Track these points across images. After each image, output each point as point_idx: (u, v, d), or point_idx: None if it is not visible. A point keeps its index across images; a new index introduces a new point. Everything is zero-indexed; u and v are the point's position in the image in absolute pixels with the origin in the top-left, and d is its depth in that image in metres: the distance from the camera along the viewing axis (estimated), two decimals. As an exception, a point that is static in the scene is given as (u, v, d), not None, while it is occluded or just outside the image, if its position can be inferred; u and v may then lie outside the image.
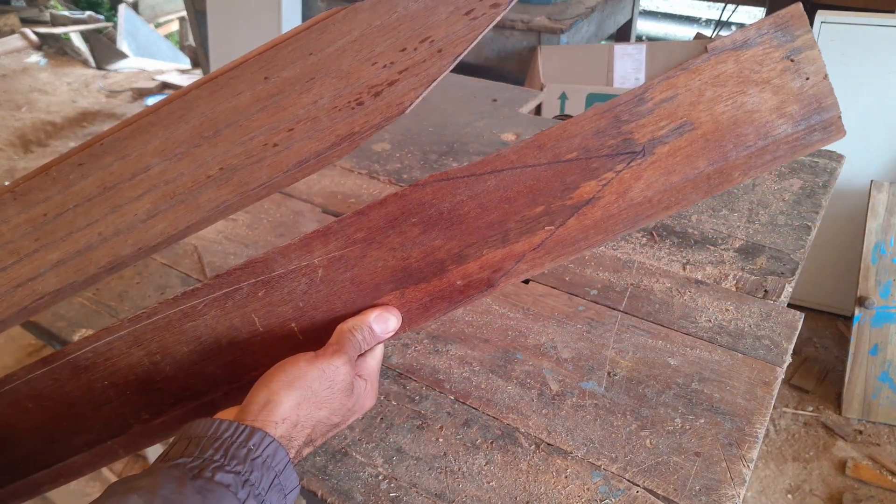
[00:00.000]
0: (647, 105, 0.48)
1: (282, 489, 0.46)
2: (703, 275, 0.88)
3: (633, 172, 0.48)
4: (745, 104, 0.47)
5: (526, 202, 0.50)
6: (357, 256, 0.52)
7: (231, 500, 0.43)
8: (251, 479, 0.44)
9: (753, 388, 0.72)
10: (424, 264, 0.52)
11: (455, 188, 0.51)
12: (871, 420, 1.62)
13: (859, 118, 1.71)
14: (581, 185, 0.49)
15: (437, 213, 0.51)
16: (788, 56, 0.47)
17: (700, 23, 4.24)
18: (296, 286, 0.53)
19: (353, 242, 0.52)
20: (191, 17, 3.23)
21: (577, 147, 0.49)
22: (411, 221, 0.51)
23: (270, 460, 0.45)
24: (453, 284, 0.52)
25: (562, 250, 0.50)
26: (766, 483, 1.51)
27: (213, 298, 0.53)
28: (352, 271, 0.52)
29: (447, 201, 0.51)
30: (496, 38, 2.36)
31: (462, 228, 0.51)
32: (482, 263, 0.51)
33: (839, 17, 1.65)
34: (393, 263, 0.52)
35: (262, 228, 1.00)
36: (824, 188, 1.04)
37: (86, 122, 3.27)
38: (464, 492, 0.63)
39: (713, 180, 0.48)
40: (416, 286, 0.52)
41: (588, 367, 0.75)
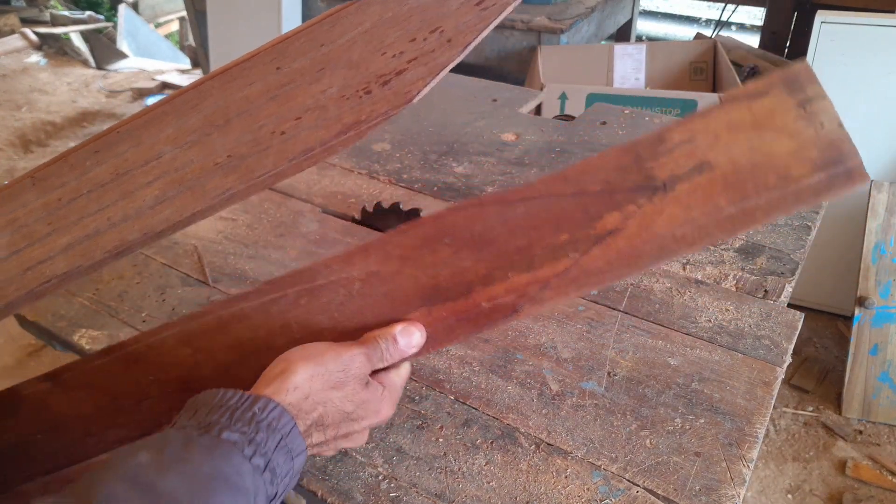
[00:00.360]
0: (666, 145, 0.50)
1: (289, 451, 0.46)
2: (703, 275, 0.88)
3: (655, 207, 0.49)
4: (761, 148, 0.48)
5: (552, 230, 0.51)
6: (392, 272, 0.53)
7: (238, 456, 0.43)
8: (256, 438, 0.45)
9: (753, 388, 0.72)
10: (453, 283, 0.53)
11: (487, 213, 0.52)
12: (871, 420, 1.62)
13: (859, 118, 1.71)
14: (604, 215, 0.50)
15: (469, 235, 0.53)
16: (801, 105, 0.48)
17: (700, 23, 4.24)
18: (334, 297, 0.54)
19: (390, 259, 0.53)
20: (191, 17, 3.23)
21: (600, 181, 0.51)
22: (444, 242, 0.53)
23: (276, 423, 0.46)
24: (479, 306, 0.53)
25: (586, 279, 0.51)
26: (766, 483, 1.51)
27: (261, 303, 0.55)
28: (386, 286, 0.54)
29: (479, 225, 0.52)
30: (496, 38, 2.36)
31: (491, 251, 0.52)
32: (508, 287, 0.52)
33: (839, 17, 1.65)
34: (424, 281, 0.53)
35: (262, 228, 1.00)
36: (824, 188, 1.04)
37: (86, 122, 3.27)
38: (464, 492, 0.63)
39: (736, 220, 0.49)
40: (443, 304, 0.53)
41: (588, 367, 0.75)
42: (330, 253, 0.94)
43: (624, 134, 1.21)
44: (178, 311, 0.85)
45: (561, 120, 1.38)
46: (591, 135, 1.21)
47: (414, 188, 1.08)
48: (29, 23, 4.46)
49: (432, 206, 1.03)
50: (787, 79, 0.48)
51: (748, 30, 4.03)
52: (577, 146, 1.17)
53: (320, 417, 0.50)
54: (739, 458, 0.64)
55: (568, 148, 1.17)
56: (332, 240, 0.97)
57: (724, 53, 2.15)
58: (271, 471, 0.45)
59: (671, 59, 2.28)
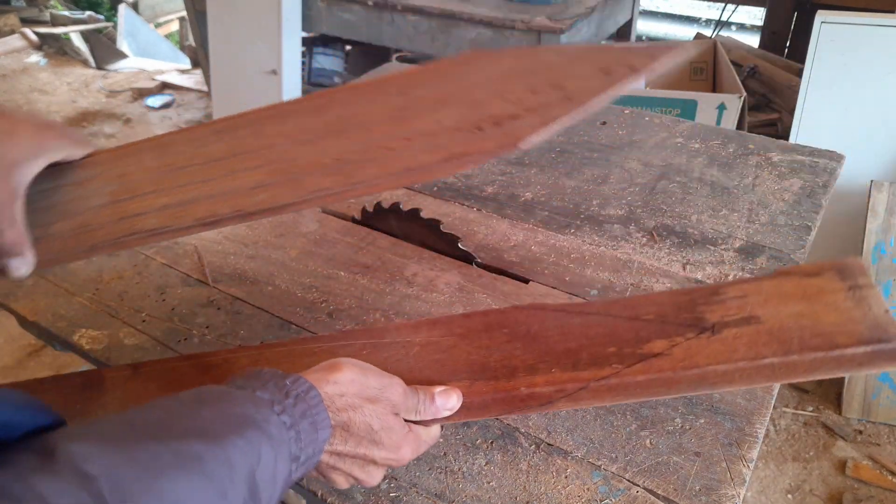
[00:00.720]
0: (720, 297, 0.55)
1: (314, 423, 0.48)
2: (703, 275, 0.88)
3: (700, 342, 0.53)
4: (809, 316, 0.52)
5: (602, 342, 0.56)
6: (449, 346, 0.60)
7: (267, 409, 0.46)
8: (285, 402, 0.47)
9: (753, 388, 0.72)
10: (500, 366, 0.57)
11: (546, 316, 0.59)
12: (871, 420, 1.62)
13: (859, 118, 1.71)
14: (653, 340, 0.55)
15: (526, 330, 0.59)
16: (851, 289, 0.52)
17: (700, 23, 4.24)
18: (393, 354, 0.60)
19: (451, 334, 0.60)
20: (191, 17, 3.23)
21: (655, 312, 0.56)
22: (503, 331, 0.59)
23: (304, 395, 0.48)
24: (518, 390, 0.56)
25: (623, 390, 0.54)
26: (766, 483, 1.51)
27: (330, 346, 0.61)
28: (440, 355, 0.59)
29: (537, 324, 0.59)
30: (496, 38, 2.36)
31: (541, 347, 0.57)
32: (549, 379, 0.55)
33: (839, 17, 1.65)
34: (475, 358, 0.58)
35: (262, 228, 1.00)
36: (824, 188, 1.04)
37: (86, 122, 3.27)
38: (464, 492, 0.63)
39: (777, 369, 0.52)
40: (486, 381, 0.57)
41: (588, 367, 0.75)
42: (330, 253, 0.94)
43: (624, 134, 1.21)
44: (178, 311, 0.85)
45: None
46: (591, 135, 1.21)
47: (413, 188, 1.08)
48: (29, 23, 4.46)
49: (432, 205, 1.03)
50: (840, 267, 0.54)
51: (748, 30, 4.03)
52: (577, 146, 1.17)
53: (348, 421, 0.50)
54: (739, 458, 0.64)
55: (568, 148, 1.17)
56: (332, 240, 0.97)
57: (724, 53, 2.15)
58: (296, 432, 0.46)
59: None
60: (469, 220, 1.00)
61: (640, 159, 1.13)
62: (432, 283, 0.88)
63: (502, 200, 1.04)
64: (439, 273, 0.89)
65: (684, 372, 0.52)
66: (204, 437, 0.41)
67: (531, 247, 0.94)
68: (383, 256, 0.93)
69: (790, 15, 2.92)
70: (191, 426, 0.42)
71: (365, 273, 0.90)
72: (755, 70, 2.58)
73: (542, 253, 0.93)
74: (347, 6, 2.64)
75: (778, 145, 1.16)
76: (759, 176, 1.08)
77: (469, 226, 0.99)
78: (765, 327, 0.53)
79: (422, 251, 0.93)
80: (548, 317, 0.58)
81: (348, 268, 0.91)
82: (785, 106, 2.45)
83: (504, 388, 0.56)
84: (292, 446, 0.46)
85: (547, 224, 0.99)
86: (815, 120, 1.73)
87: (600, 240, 0.95)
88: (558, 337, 0.57)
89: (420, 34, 2.52)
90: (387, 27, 2.59)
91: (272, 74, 2.73)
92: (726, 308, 0.54)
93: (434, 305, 0.84)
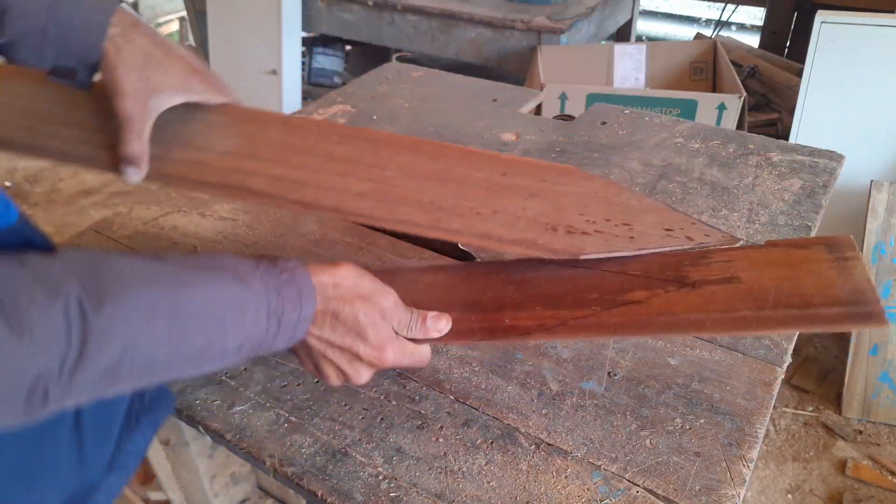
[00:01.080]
0: (707, 259, 0.59)
1: (299, 292, 0.52)
2: (703, 275, 0.88)
3: (679, 295, 0.57)
4: (790, 279, 0.55)
5: (587, 290, 0.60)
6: (451, 285, 0.66)
7: (250, 268, 0.51)
8: (271, 270, 0.52)
9: (753, 388, 0.72)
10: (490, 301, 0.63)
11: (542, 266, 0.63)
12: (871, 420, 1.62)
13: (859, 118, 1.71)
14: (635, 290, 0.59)
15: (521, 276, 0.64)
16: (836, 260, 0.55)
17: (700, 23, 4.24)
18: (400, 288, 0.63)
19: (454, 277, 0.67)
20: (191, 18, 3.23)
21: (642, 269, 0.60)
22: (500, 276, 0.65)
23: (293, 269, 0.53)
24: (502, 321, 0.61)
25: (599, 329, 0.58)
26: (766, 483, 1.51)
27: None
28: (440, 292, 0.65)
29: (532, 272, 0.64)
30: (496, 38, 2.36)
31: (531, 290, 0.62)
32: (531, 314, 0.60)
33: (839, 17, 1.65)
34: (470, 295, 0.64)
35: (263, 228, 1.00)
36: (824, 188, 1.04)
37: (86, 122, 3.27)
38: (464, 492, 0.63)
39: (749, 321, 0.54)
40: (475, 313, 0.63)
41: (588, 366, 0.75)
42: (330, 253, 0.94)
43: (624, 134, 1.21)
44: (178, 311, 0.85)
45: (561, 120, 1.38)
46: (591, 135, 1.21)
47: (414, 188, 1.08)
48: (29, 23, 4.44)
49: (432, 206, 1.03)
50: (829, 241, 0.57)
51: (748, 30, 4.03)
52: (578, 146, 1.17)
53: (338, 310, 0.55)
54: (739, 458, 0.64)
55: (568, 148, 1.17)
56: (332, 240, 0.97)
57: (724, 53, 2.15)
58: (277, 292, 0.51)
59: (671, 59, 2.28)
60: (469, 220, 1.00)
61: (640, 159, 1.13)
62: (432, 283, 0.88)
63: (502, 200, 1.04)
64: (439, 273, 0.89)
65: (658, 317, 0.56)
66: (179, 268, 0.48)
67: (531, 247, 0.94)
68: (383, 256, 0.93)
69: (790, 15, 2.92)
70: (173, 264, 0.48)
71: (365, 273, 0.90)
72: (755, 70, 2.58)
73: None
74: (347, 6, 2.64)
75: (778, 145, 1.16)
76: (759, 176, 1.08)
77: (469, 226, 0.99)
78: (744, 286, 0.56)
79: (422, 251, 0.93)
80: (543, 267, 0.63)
81: (348, 268, 0.91)
82: (785, 106, 2.45)
83: (490, 318, 0.61)
84: (272, 300, 0.50)
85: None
86: (815, 120, 1.73)
87: (600, 240, 0.95)
88: (548, 283, 0.62)
89: (420, 34, 2.52)
90: (387, 27, 2.59)
91: (272, 74, 2.73)
92: (710, 269, 0.58)
93: (434, 305, 0.84)
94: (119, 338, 0.42)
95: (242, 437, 0.70)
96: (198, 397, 0.74)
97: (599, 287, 0.60)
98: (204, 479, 1.16)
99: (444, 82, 1.46)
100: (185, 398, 0.74)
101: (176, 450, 1.12)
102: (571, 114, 1.89)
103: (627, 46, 2.28)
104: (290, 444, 0.68)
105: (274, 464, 0.67)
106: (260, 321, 0.50)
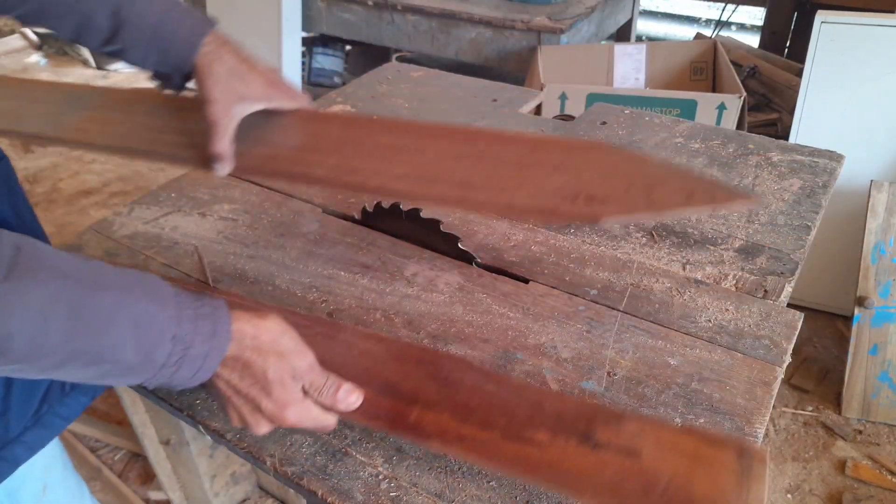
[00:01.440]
0: (620, 424, 0.59)
1: (214, 330, 0.53)
2: (702, 275, 0.88)
3: (577, 452, 0.58)
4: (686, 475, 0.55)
5: (498, 412, 0.61)
6: (380, 361, 0.68)
7: (167, 295, 0.52)
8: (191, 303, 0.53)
9: (753, 387, 0.72)
10: (408, 392, 0.64)
11: (469, 374, 0.65)
12: (871, 420, 1.62)
13: (859, 118, 1.71)
14: (540, 429, 0.60)
15: (446, 376, 0.65)
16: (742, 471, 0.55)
17: (700, 23, 4.24)
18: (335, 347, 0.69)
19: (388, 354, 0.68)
20: (191, 17, 3.22)
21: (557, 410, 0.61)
22: (428, 369, 0.66)
23: (216, 307, 0.55)
24: (407, 418, 0.63)
25: (489, 463, 0.59)
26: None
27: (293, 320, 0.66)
28: (369, 364, 0.67)
29: (458, 376, 0.65)
30: (496, 38, 2.36)
31: (449, 393, 0.64)
32: (437, 420, 0.62)
33: (839, 17, 1.65)
34: (392, 379, 0.66)
35: (263, 228, 1.00)
36: (824, 188, 1.04)
37: (86, 122, 3.27)
38: (464, 491, 0.63)
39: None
40: (387, 399, 0.64)
41: (588, 366, 0.75)
42: (330, 253, 0.94)
43: (624, 134, 1.21)
44: (178, 311, 0.85)
45: (561, 120, 1.38)
46: (591, 135, 1.21)
47: (414, 188, 1.08)
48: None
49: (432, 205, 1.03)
50: (744, 450, 0.56)
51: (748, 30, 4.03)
52: (577, 146, 1.17)
53: (249, 360, 0.56)
54: (739, 458, 0.64)
55: (568, 148, 1.17)
56: (332, 240, 0.97)
57: (724, 53, 2.15)
58: (190, 322, 0.52)
59: (671, 59, 2.28)
60: (469, 220, 1.00)
61: (639, 159, 1.13)
62: (432, 283, 0.88)
63: (502, 200, 1.04)
64: (439, 273, 0.89)
65: (547, 468, 0.57)
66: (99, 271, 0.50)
67: (531, 246, 0.94)
68: (383, 256, 0.93)
69: (790, 15, 2.92)
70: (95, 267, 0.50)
71: (365, 273, 0.90)
72: (755, 70, 2.58)
73: (542, 253, 0.93)
74: (347, 6, 2.64)
75: (778, 145, 1.16)
76: (758, 176, 1.08)
77: (469, 225, 0.99)
78: (639, 466, 0.56)
79: (422, 251, 0.94)
80: (469, 375, 0.65)
81: (348, 268, 0.91)
82: (785, 106, 2.45)
83: (398, 410, 0.63)
84: (182, 327, 0.51)
85: (547, 224, 0.99)
86: (815, 120, 1.73)
87: (600, 240, 0.95)
88: (468, 392, 0.63)
89: (420, 34, 2.52)
90: (387, 27, 2.59)
91: (272, 74, 2.73)
92: (618, 434, 0.58)
93: (434, 305, 0.84)
94: (13, 313, 0.44)
95: (243, 436, 0.70)
96: (198, 397, 0.74)
97: (510, 414, 0.61)
98: (204, 479, 1.16)
99: (444, 82, 1.46)
100: (185, 398, 0.74)
101: (176, 449, 1.12)
102: (571, 114, 1.89)
103: (627, 46, 2.28)
104: (290, 444, 0.69)
105: (274, 463, 0.67)
106: (163, 344, 0.51)
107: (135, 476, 1.48)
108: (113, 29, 0.69)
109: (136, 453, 1.53)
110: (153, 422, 1.08)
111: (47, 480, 0.75)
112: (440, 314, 0.83)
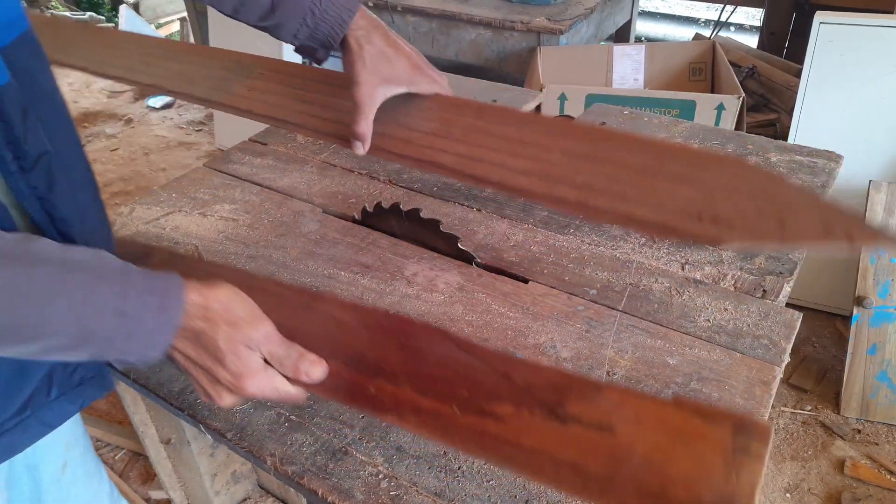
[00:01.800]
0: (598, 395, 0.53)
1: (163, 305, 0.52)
2: (701, 274, 0.88)
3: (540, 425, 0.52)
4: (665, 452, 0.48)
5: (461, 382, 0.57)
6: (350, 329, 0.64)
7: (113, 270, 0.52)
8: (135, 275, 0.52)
9: (752, 387, 0.72)
10: (371, 362, 0.61)
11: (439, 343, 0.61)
12: (870, 419, 1.62)
13: (858, 118, 1.71)
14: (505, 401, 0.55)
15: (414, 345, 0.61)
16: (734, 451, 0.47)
17: (699, 23, 4.24)
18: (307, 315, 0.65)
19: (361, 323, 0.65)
20: (191, 18, 3.23)
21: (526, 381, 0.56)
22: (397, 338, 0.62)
23: (163, 279, 0.53)
24: (367, 390, 0.59)
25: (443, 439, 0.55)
26: (765, 482, 1.51)
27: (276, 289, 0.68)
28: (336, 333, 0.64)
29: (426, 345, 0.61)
30: (496, 38, 2.37)
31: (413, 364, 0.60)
32: (395, 392, 0.58)
33: (838, 18, 1.65)
34: (359, 347, 0.62)
35: (263, 228, 1.00)
36: (823, 188, 1.05)
37: (87, 123, 3.27)
38: (463, 490, 0.63)
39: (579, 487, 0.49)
40: (350, 371, 0.60)
41: (587, 366, 0.75)
42: (330, 253, 0.94)
43: (623, 134, 1.22)
44: (179, 311, 0.86)
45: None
46: (590, 135, 1.22)
47: (414, 188, 1.09)
48: (29, 23, 4.44)
49: (432, 205, 1.03)
50: (743, 424, 0.48)
51: (747, 30, 4.03)
52: (577, 147, 1.18)
53: (199, 331, 0.54)
54: (737, 457, 0.64)
55: (567, 148, 1.17)
56: (332, 240, 0.97)
57: (722, 54, 2.15)
58: (134, 296, 0.51)
59: (670, 59, 2.28)
60: (469, 220, 1.00)
61: (639, 160, 1.13)
62: (432, 282, 0.88)
63: (502, 200, 1.05)
64: (439, 273, 0.90)
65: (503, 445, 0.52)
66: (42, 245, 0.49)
67: (531, 247, 0.95)
68: (383, 256, 0.93)
69: (789, 16, 2.92)
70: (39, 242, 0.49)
71: (365, 273, 0.90)
72: (754, 71, 2.59)
73: (541, 253, 0.93)
74: (347, 7, 2.63)
75: (776, 146, 1.17)
76: None
77: (469, 226, 0.99)
78: (610, 443, 0.49)
79: (422, 251, 0.94)
80: (439, 345, 0.61)
81: (348, 268, 0.91)
82: (783, 106, 2.45)
83: (358, 382, 0.60)
84: (127, 301, 0.50)
85: (546, 224, 0.99)
86: (814, 120, 1.74)
87: (599, 240, 0.96)
88: (433, 363, 0.60)
89: (420, 35, 2.53)
90: (386, 28, 2.59)
91: (272, 75, 2.73)
92: (593, 407, 0.52)
93: (434, 305, 0.85)
94: None
95: (243, 436, 0.70)
96: (198, 396, 0.74)
97: (475, 384, 0.57)
98: (205, 478, 1.17)
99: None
100: (185, 398, 0.74)
101: (177, 449, 1.12)
102: (571, 114, 1.89)
103: (626, 47, 2.28)
104: (290, 443, 0.69)
105: (275, 462, 0.67)
106: (104, 317, 0.50)
107: (136, 475, 1.48)
108: (272, 5, 0.74)
109: (136, 452, 1.53)
110: (154, 421, 1.08)
111: (68, 458, 0.74)
112: (440, 314, 0.83)
